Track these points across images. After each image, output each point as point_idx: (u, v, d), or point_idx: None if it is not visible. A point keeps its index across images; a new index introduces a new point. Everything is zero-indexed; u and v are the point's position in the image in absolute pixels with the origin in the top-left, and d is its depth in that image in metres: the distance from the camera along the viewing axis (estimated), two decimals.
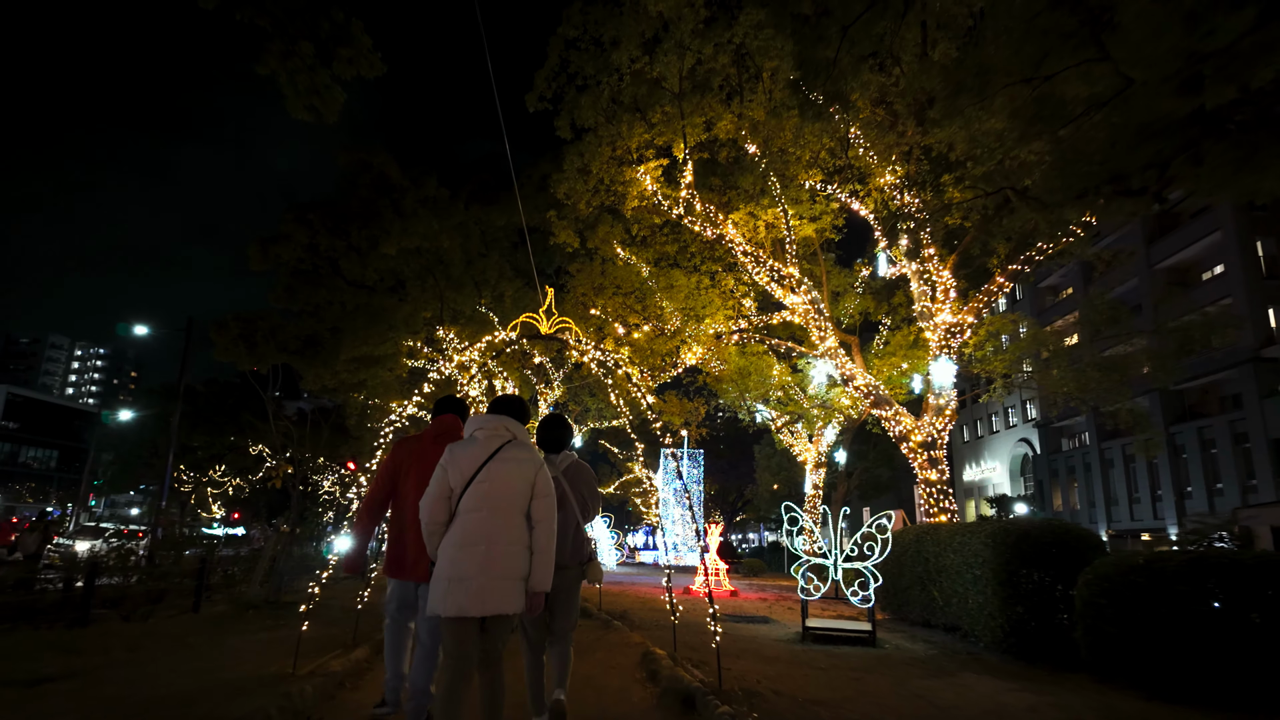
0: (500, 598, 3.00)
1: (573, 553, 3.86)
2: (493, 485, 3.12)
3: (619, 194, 14.17)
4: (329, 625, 6.44)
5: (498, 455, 3.19)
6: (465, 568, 2.99)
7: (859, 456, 28.12)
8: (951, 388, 13.08)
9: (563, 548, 3.73)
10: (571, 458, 4.04)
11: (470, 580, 2.97)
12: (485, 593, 2.97)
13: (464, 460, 3.17)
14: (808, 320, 14.53)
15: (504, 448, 3.22)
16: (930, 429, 13.00)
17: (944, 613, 9.07)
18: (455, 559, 3.02)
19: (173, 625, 6.89)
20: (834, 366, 13.95)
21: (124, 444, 50.24)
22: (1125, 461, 35.41)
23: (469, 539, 3.04)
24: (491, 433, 3.29)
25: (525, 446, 3.32)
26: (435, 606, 2.99)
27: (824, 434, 21.52)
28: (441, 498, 3.15)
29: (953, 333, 13.15)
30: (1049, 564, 7.30)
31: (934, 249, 13.51)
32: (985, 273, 15.73)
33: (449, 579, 3.00)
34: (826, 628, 7.92)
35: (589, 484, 4.06)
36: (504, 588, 3.02)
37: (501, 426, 3.32)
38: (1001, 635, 7.39)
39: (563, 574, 3.72)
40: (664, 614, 10.03)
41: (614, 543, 28.89)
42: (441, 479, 3.17)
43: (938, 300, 13.36)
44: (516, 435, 3.34)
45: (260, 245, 22.40)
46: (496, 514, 3.09)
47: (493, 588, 2.99)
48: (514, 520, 3.13)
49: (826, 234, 14.93)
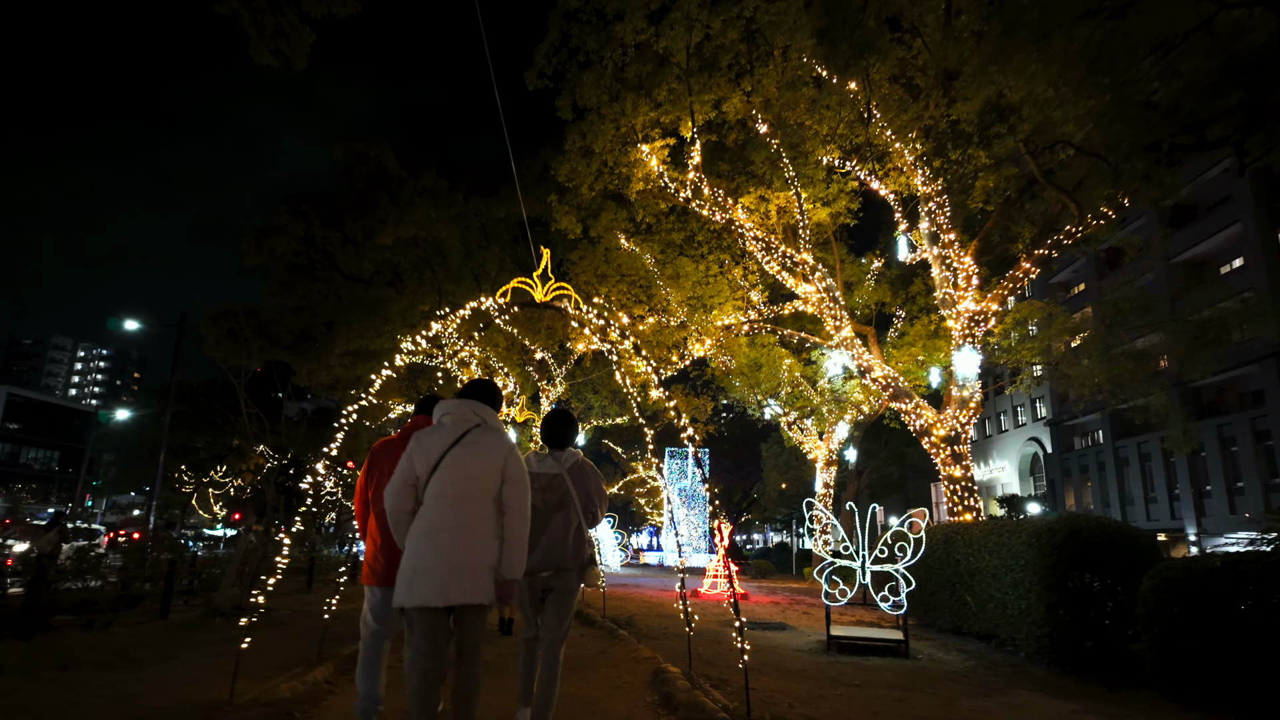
0: (466, 587, 2.85)
1: (573, 554, 3.65)
2: (458, 470, 2.98)
3: (623, 176, 13.49)
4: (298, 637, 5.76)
5: (464, 440, 3.04)
6: (429, 557, 2.87)
7: (869, 455, 27.37)
8: (975, 379, 12.37)
9: (563, 548, 3.61)
10: (577, 455, 3.88)
11: (434, 569, 2.84)
12: (450, 582, 2.83)
13: (429, 446, 3.04)
14: (822, 310, 13.83)
15: (471, 432, 3.08)
16: (953, 422, 12.28)
17: (977, 619, 8.35)
18: (419, 548, 2.90)
19: (131, 635, 6.21)
20: (850, 358, 13.24)
21: (124, 444, 50.07)
22: (1141, 460, 34.62)
23: (433, 527, 2.91)
24: (459, 418, 3.14)
25: (494, 431, 3.15)
26: (399, 597, 2.88)
27: (835, 431, 20.80)
28: (406, 485, 3.01)
29: (976, 321, 12.44)
30: (1101, 566, 6.59)
31: (954, 234, 12.81)
32: (1007, 260, 15.02)
33: (413, 569, 2.88)
34: (853, 636, 7.21)
35: (594, 483, 3.89)
36: (470, 577, 2.87)
37: (470, 411, 3.16)
38: (1048, 645, 6.68)
39: (561, 576, 3.61)
40: (674, 620, 9.33)
41: (618, 544, 28.19)
42: (406, 466, 3.04)
43: (959, 287, 12.65)
44: (486, 420, 3.17)
45: (254, 238, 21.76)
46: (462, 500, 2.96)
47: (458, 577, 2.85)
48: (481, 507, 2.99)
49: (841, 218, 14.22)
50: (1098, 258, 37.45)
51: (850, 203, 13.90)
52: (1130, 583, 6.50)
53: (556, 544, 3.62)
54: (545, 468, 3.75)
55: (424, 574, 2.85)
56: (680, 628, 8.64)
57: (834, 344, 13.48)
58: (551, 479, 3.72)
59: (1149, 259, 32.41)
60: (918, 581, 9.50)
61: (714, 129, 14.40)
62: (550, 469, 3.75)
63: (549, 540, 3.62)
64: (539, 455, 3.84)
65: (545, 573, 3.60)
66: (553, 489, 3.70)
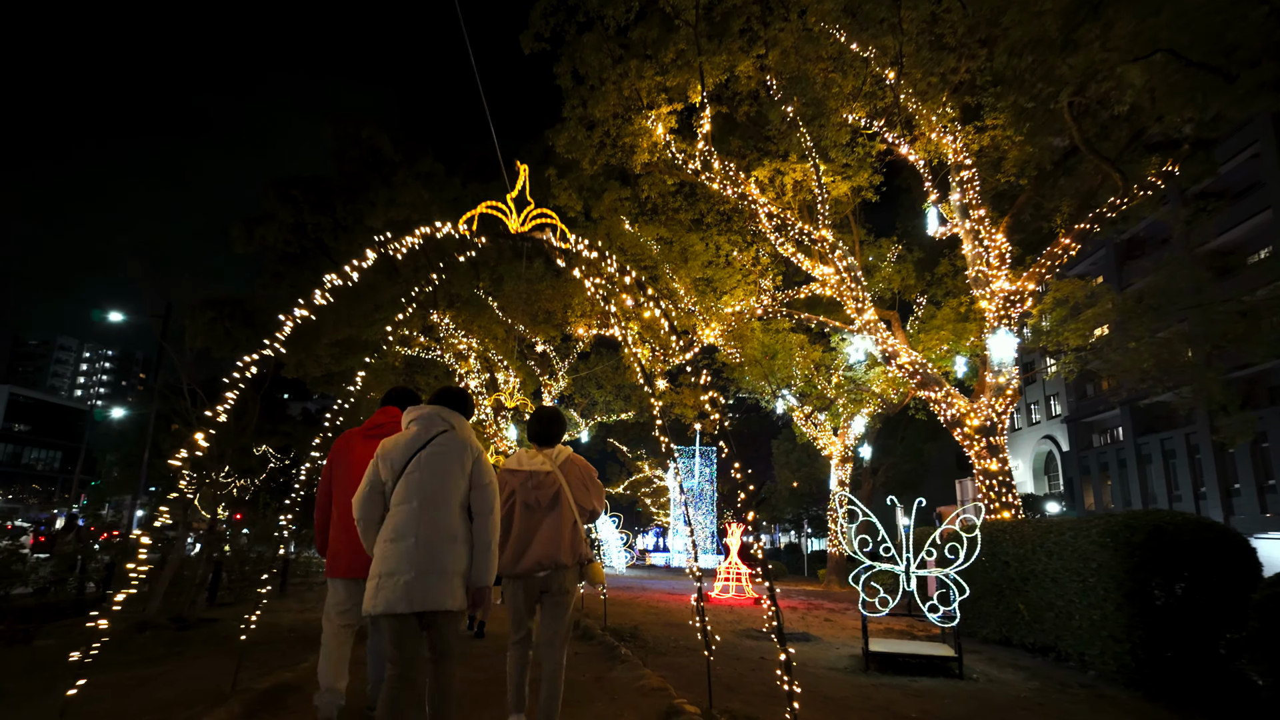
0: (435, 593, 2.83)
1: (570, 551, 3.53)
2: (424, 476, 2.98)
3: (626, 148, 12.48)
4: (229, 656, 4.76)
5: (431, 445, 3.04)
6: (397, 563, 2.84)
7: (884, 452, 26.27)
8: (1012, 363, 11.32)
9: (559, 546, 3.50)
10: (567, 452, 3.80)
11: (400, 575, 2.82)
12: (415, 588, 2.81)
13: (395, 452, 3.03)
14: (841, 292, 12.80)
15: (438, 437, 3.07)
16: (989, 411, 11.24)
17: (1031, 630, 7.33)
18: (387, 554, 2.88)
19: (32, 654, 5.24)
20: (873, 343, 12.20)
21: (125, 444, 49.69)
22: (1164, 457, 33.46)
23: (399, 533, 2.89)
24: (427, 423, 3.12)
25: (462, 436, 3.13)
26: (368, 605, 2.85)
27: (851, 426, 19.73)
28: (373, 492, 3.01)
29: (1012, 301, 11.40)
30: (1190, 570, 5.57)
31: (984, 209, 11.78)
32: (1041, 239, 14.00)
33: (381, 575, 2.85)
34: (896, 653, 6.18)
35: (588, 478, 3.78)
36: (439, 583, 2.85)
37: (436, 416, 3.16)
38: (1129, 664, 5.65)
39: (559, 574, 3.50)
40: (685, 631, 8.31)
41: (623, 544, 27.20)
42: (373, 472, 3.04)
43: (992, 266, 11.61)
44: (454, 425, 3.16)
45: (244, 226, 20.83)
46: (428, 506, 2.93)
47: (427, 583, 2.83)
48: (449, 512, 2.96)
49: (864, 193, 13.17)
50: (1116, 248, 36.30)
51: (873, 176, 12.85)
52: (1225, 589, 5.48)
53: (551, 543, 3.48)
54: (536, 465, 3.62)
55: (392, 580, 2.80)
56: (693, 639, 7.65)
57: (855, 328, 12.45)
58: (543, 476, 3.59)
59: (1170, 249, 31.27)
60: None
61: (724, 100, 13.40)
62: (541, 466, 3.62)
63: (544, 538, 3.49)
64: (528, 453, 3.72)
65: (542, 572, 3.46)
66: (545, 486, 3.58)
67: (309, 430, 31.86)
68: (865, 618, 6.26)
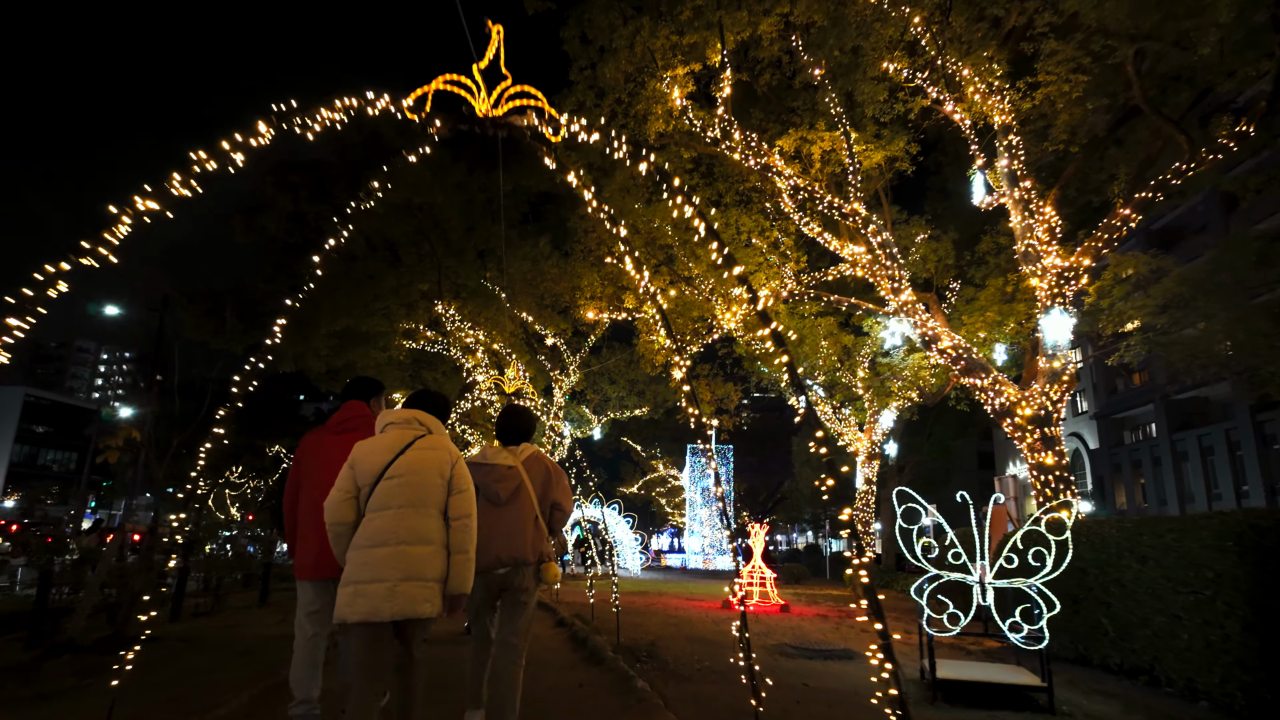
0: (411, 601, 2.75)
1: (531, 549, 3.46)
2: (402, 481, 2.88)
3: (640, 116, 11.50)
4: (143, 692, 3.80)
5: (409, 450, 2.95)
6: (373, 570, 2.75)
7: (910, 449, 25.09)
8: (1069, 346, 10.23)
9: (519, 543, 3.44)
10: (532, 449, 3.72)
11: (379, 583, 2.73)
12: (394, 595, 2.72)
13: (371, 456, 2.93)
14: (874, 271, 11.76)
15: (415, 443, 2.98)
16: (1042, 399, 10.15)
17: (1118, 649, 6.26)
18: (362, 561, 2.78)
19: None
20: (911, 325, 11.14)
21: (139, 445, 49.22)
22: (1203, 454, 32.04)
23: (377, 539, 2.80)
24: (404, 427, 3.06)
25: (439, 441, 3.06)
26: (341, 611, 2.75)
27: (879, 421, 18.64)
28: (346, 498, 2.89)
29: (1066, 278, 10.31)
30: None
31: (1030, 181, 10.71)
32: (1088, 215, 12.89)
33: (356, 582, 2.75)
34: (970, 680, 5.12)
35: (552, 475, 3.69)
36: (415, 590, 2.77)
37: (414, 420, 3.09)
38: (1265, 696, 4.58)
39: (519, 572, 3.43)
40: (711, 647, 7.28)
41: (638, 545, 26.21)
42: (347, 477, 2.93)
43: (1042, 240, 10.52)
44: (431, 429, 3.11)
45: (244, 216, 20.02)
46: (407, 512, 2.85)
47: (403, 590, 2.74)
48: (428, 518, 2.89)
49: (898, 164, 12.11)
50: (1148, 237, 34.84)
51: (908, 144, 11.79)
52: None
53: (513, 539, 3.43)
54: (499, 460, 3.57)
55: (368, 588, 2.73)
56: (722, 658, 6.64)
57: (891, 310, 11.39)
58: (505, 471, 3.53)
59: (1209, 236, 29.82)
60: (1016, 595, 7.43)
61: (745, 68, 12.39)
62: (504, 461, 3.57)
63: (504, 535, 3.41)
64: (493, 449, 3.68)
65: (501, 569, 3.41)
66: (506, 480, 3.51)
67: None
68: (930, 637, 5.21)
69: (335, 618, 2.79)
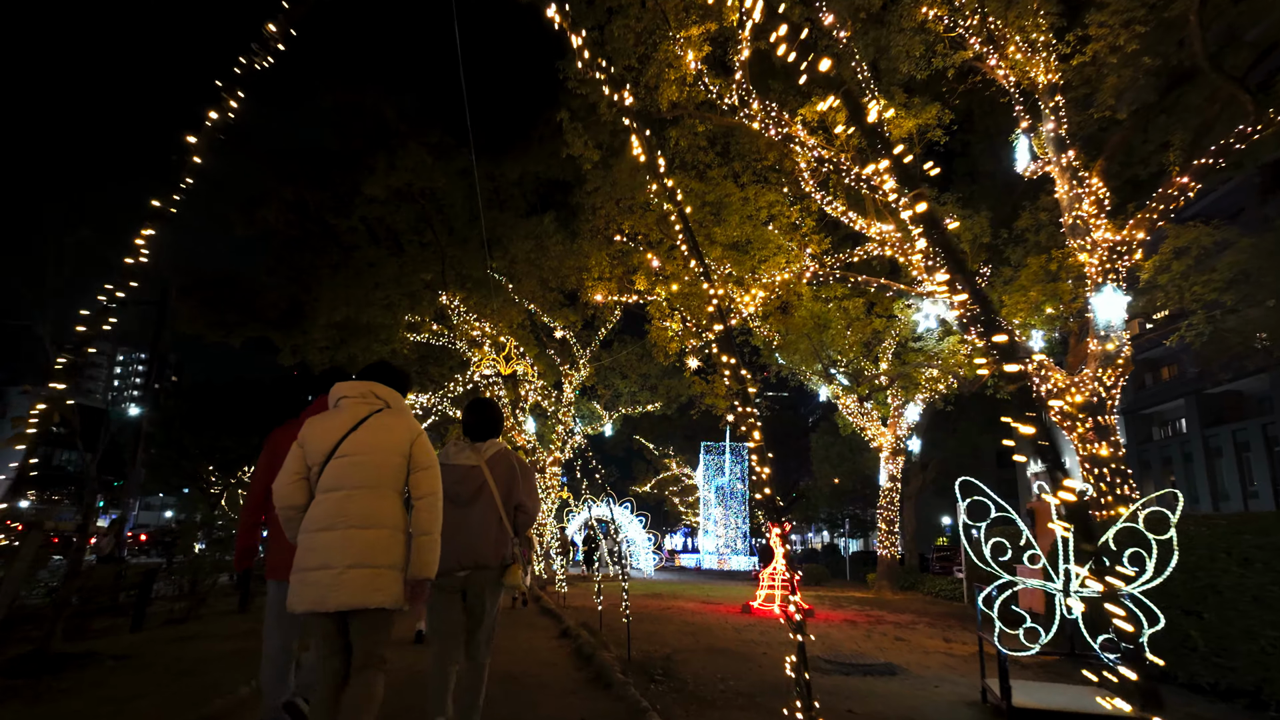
0: (363, 589, 2.51)
1: (493, 551, 3.34)
2: (356, 459, 2.64)
3: (651, 84, 10.69)
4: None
5: (364, 425, 2.70)
6: (322, 556, 2.53)
7: (935, 445, 24.10)
8: (1123, 327, 9.32)
9: (481, 544, 3.31)
10: (498, 445, 3.57)
11: (328, 570, 2.51)
12: (344, 583, 2.50)
13: (323, 432, 2.69)
14: (906, 250, 10.91)
15: (372, 416, 2.73)
16: (1094, 385, 9.26)
17: (1210, 666, 5.38)
18: (311, 545, 2.56)
19: None
20: (947, 307, 10.26)
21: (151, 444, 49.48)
22: (1237, 449, 30.89)
23: (326, 521, 2.57)
24: (359, 400, 2.79)
25: (398, 416, 2.81)
26: (291, 601, 2.56)
27: (904, 414, 17.71)
28: (296, 477, 2.68)
29: (1119, 253, 9.42)
30: None
31: (1074, 150, 9.82)
32: (1137, 188, 11.96)
33: (304, 569, 2.55)
34: (1053, 710, 4.26)
35: (519, 472, 3.51)
36: (368, 577, 2.53)
37: (370, 393, 2.81)
38: None
39: (481, 574, 3.31)
40: (736, 661, 6.44)
41: (651, 545, 25.41)
42: (297, 455, 2.70)
43: (1090, 213, 9.63)
44: (390, 403, 2.83)
45: (243, 208, 19.38)
46: (360, 492, 2.60)
47: (354, 577, 2.51)
48: (383, 499, 2.63)
49: (930, 133, 11.22)
50: None
51: (942, 111, 10.91)
52: None
53: (474, 540, 3.30)
54: (462, 459, 3.45)
55: (316, 575, 2.52)
56: (749, 675, 5.80)
57: (925, 291, 10.52)
58: (467, 470, 3.41)
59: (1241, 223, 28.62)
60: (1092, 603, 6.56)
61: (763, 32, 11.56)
62: (467, 460, 3.44)
63: (466, 536, 3.27)
64: (456, 445, 3.53)
65: (462, 571, 3.27)
66: (468, 480, 3.38)
67: None
68: (1004, 657, 4.35)
69: (287, 607, 2.59)
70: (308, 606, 2.53)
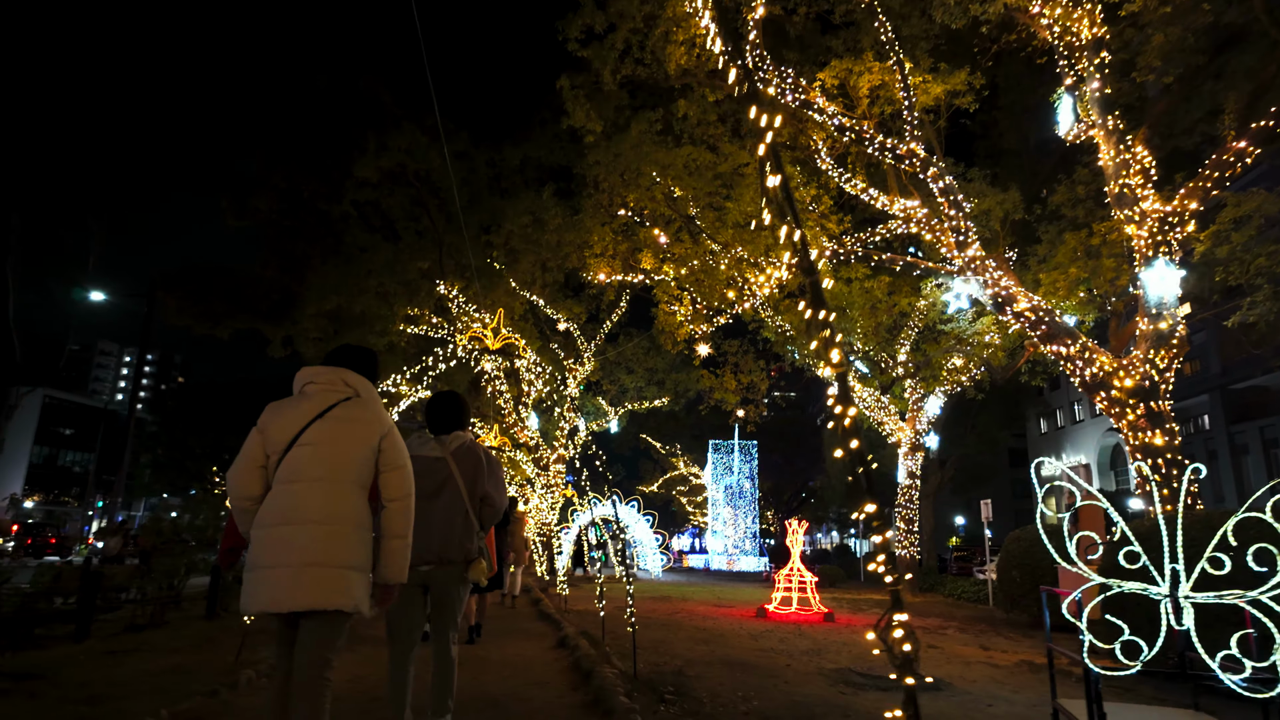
0: (318, 590, 2.30)
1: (458, 546, 3.23)
2: (317, 450, 2.44)
3: (659, 47, 9.93)
4: None
5: (328, 414, 2.50)
6: (275, 552, 2.33)
7: (953, 442, 23.22)
8: (1176, 304, 8.50)
9: (445, 539, 3.21)
10: (463, 438, 3.45)
11: (280, 568, 2.31)
12: (298, 583, 2.29)
13: (284, 419, 2.48)
14: (933, 227, 10.12)
15: (338, 406, 2.52)
16: (1145, 368, 8.43)
17: None
18: (264, 541, 2.36)
19: None
20: (979, 285, 9.44)
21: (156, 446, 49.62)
22: (1265, 446, 29.93)
23: (283, 516, 2.37)
24: (325, 386, 2.58)
25: (368, 406, 2.59)
26: (243, 601, 2.38)
27: (923, 407, 16.88)
28: (253, 466, 2.47)
29: (1170, 224, 8.59)
30: None
31: (1111, 118, 9.01)
32: (1182, 160, 11.13)
33: (256, 566, 2.34)
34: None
35: (485, 465, 3.38)
36: (324, 577, 2.32)
37: (339, 380, 2.60)
38: None
39: (444, 570, 3.20)
40: (757, 675, 5.60)
41: (659, 545, 24.62)
42: (255, 442, 2.48)
43: (1137, 181, 8.80)
44: (359, 392, 2.61)
45: (234, 197, 18.70)
46: (320, 485, 2.41)
47: (309, 577, 2.30)
48: (344, 494, 2.43)
49: (959, 99, 10.42)
50: None
51: (972, 75, 10.09)
52: None
53: (437, 534, 3.19)
54: (425, 450, 3.32)
55: (268, 573, 2.32)
56: (772, 691, 4.99)
57: (956, 268, 9.71)
58: (432, 463, 3.29)
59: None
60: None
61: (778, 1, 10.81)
62: (431, 452, 3.33)
63: (428, 530, 3.12)
64: (420, 438, 3.39)
65: (424, 566, 3.15)
66: (432, 474, 3.26)
67: None
68: (1094, 676, 3.55)
69: (241, 607, 2.42)
70: (261, 607, 2.33)
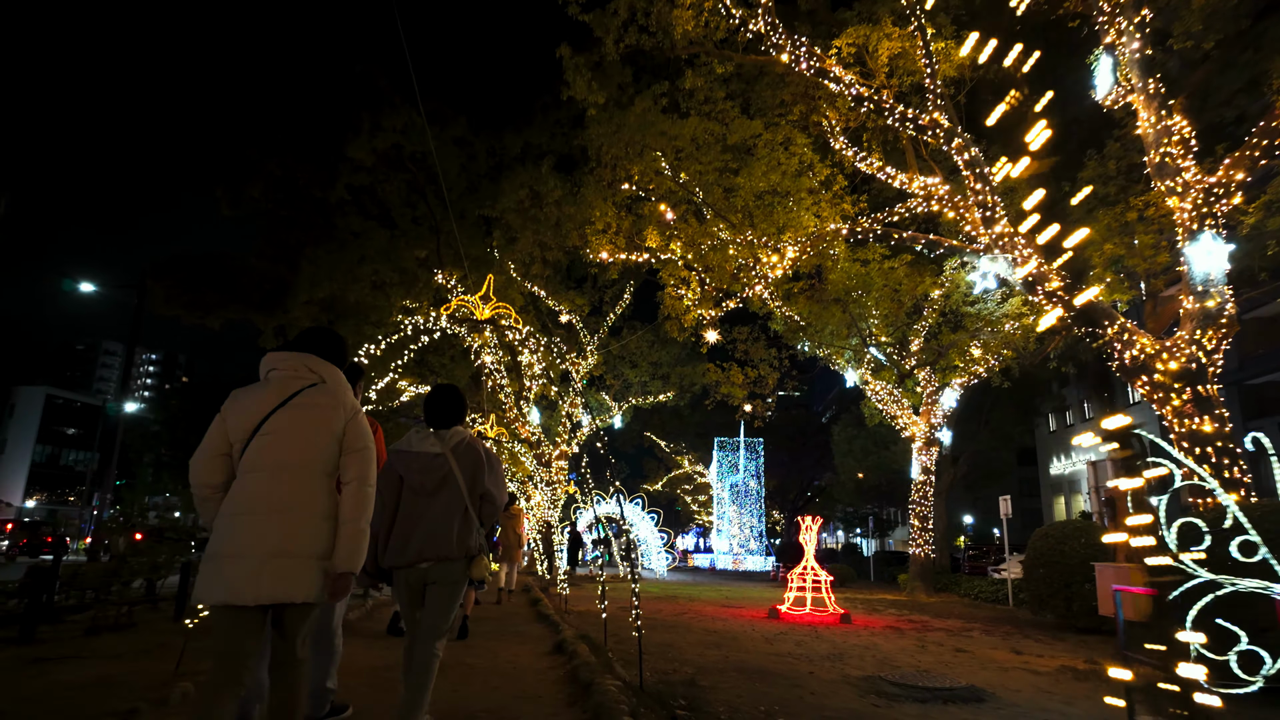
0: (285, 581, 2.24)
1: (458, 543, 3.14)
2: (281, 438, 2.37)
3: (665, 14, 9.34)
4: None
5: (292, 401, 2.42)
6: (239, 542, 2.26)
7: (966, 438, 22.57)
8: (1224, 280, 7.88)
9: (446, 536, 3.11)
10: (462, 434, 3.34)
11: (244, 558, 2.23)
12: (260, 575, 2.21)
13: (248, 406, 2.41)
14: (957, 204, 9.52)
15: (302, 392, 2.44)
16: (1191, 350, 7.82)
17: None
18: (227, 531, 2.28)
19: None
20: (1008, 264, 8.82)
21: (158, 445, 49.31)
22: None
23: (246, 505, 2.31)
24: (289, 373, 2.49)
25: (333, 393, 2.50)
26: (200, 591, 2.25)
27: (939, 400, 16.25)
28: (215, 454, 2.39)
29: (1215, 196, 7.97)
30: None
31: (1152, 81, 8.40)
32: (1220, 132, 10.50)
33: (218, 556, 2.25)
34: None
35: (485, 462, 3.29)
36: (291, 568, 2.25)
37: (304, 366, 2.50)
38: None
39: (445, 567, 3.13)
40: (777, 685, 4.95)
41: (664, 545, 24.04)
42: (217, 430, 2.41)
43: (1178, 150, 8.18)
44: (324, 378, 2.51)
45: (229, 184, 18.15)
46: (284, 474, 2.35)
47: (272, 568, 2.22)
48: (309, 482, 2.37)
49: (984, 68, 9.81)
50: None
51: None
52: None
53: (438, 531, 3.11)
54: (425, 446, 3.24)
55: (231, 564, 2.24)
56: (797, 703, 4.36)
57: (983, 246, 9.10)
58: (431, 459, 3.20)
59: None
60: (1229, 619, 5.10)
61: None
62: (430, 448, 3.24)
63: (429, 527, 3.11)
64: (419, 434, 3.31)
65: (425, 563, 3.09)
66: (432, 470, 3.18)
67: None
68: (1191, 689, 2.93)
69: (194, 597, 2.28)
70: (221, 599, 2.22)
